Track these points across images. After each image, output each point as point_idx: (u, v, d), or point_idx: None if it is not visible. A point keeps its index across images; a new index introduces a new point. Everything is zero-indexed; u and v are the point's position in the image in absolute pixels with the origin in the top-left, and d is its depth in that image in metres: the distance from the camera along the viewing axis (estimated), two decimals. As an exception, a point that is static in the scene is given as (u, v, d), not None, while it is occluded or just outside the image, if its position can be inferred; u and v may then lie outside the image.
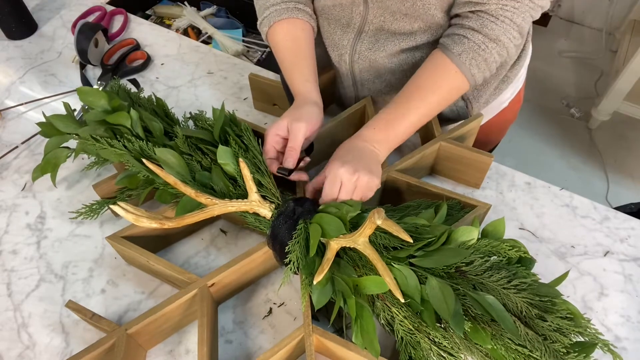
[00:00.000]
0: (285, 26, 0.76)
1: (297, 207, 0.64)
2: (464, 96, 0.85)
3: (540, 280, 0.60)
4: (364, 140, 0.69)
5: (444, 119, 0.87)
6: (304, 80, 0.74)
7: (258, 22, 0.79)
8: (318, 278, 0.57)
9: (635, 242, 0.77)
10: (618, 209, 0.86)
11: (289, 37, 0.77)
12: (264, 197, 0.66)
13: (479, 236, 0.63)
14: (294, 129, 0.67)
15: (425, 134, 0.85)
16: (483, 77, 0.71)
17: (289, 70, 0.76)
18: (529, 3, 0.66)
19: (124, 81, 1.01)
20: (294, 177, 0.69)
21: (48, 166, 0.77)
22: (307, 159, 0.72)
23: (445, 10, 0.72)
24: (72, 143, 0.77)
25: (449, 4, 0.71)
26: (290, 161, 0.67)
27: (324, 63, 0.90)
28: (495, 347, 0.56)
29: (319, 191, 0.67)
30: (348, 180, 0.64)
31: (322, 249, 0.61)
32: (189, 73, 1.03)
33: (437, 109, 0.73)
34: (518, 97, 0.94)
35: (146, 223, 0.60)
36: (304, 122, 0.67)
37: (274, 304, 0.70)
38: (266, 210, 0.64)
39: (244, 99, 0.97)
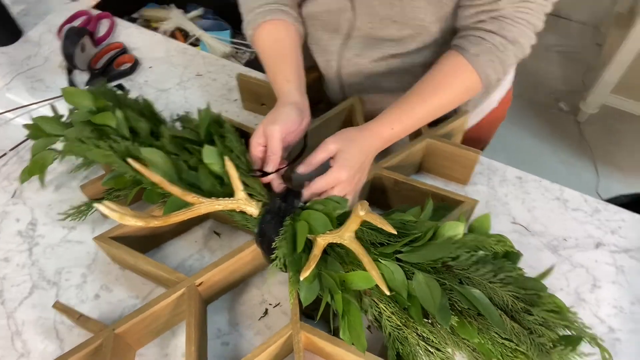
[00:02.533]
0: (268, 28, 0.76)
1: (283, 204, 0.64)
2: None
3: (527, 275, 0.60)
4: (381, 142, 0.68)
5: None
6: (285, 81, 0.73)
7: (243, 25, 0.79)
8: (304, 274, 0.57)
9: (626, 233, 0.78)
10: (609, 201, 0.87)
11: (272, 39, 0.76)
12: (250, 195, 0.65)
13: (466, 231, 0.63)
14: (268, 133, 0.65)
15: (413, 132, 0.86)
16: (497, 79, 0.70)
17: (271, 72, 0.75)
18: (542, 2, 0.65)
19: (111, 86, 1.00)
20: (266, 179, 0.67)
21: (35, 168, 0.77)
22: (283, 167, 0.69)
23: (439, 17, 0.71)
24: (59, 145, 0.77)
25: (443, 11, 0.70)
26: (270, 166, 0.65)
27: (311, 62, 0.90)
28: (482, 342, 0.56)
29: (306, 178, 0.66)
30: (346, 187, 0.64)
31: (309, 245, 0.61)
32: (177, 75, 1.02)
33: (448, 108, 0.72)
34: (507, 97, 0.95)
35: (132, 221, 0.59)
36: (277, 125, 0.64)
37: (270, 304, 0.70)
38: (253, 208, 0.64)
39: (234, 100, 0.97)
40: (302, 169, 0.66)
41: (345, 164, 0.63)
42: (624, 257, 0.75)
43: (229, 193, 0.66)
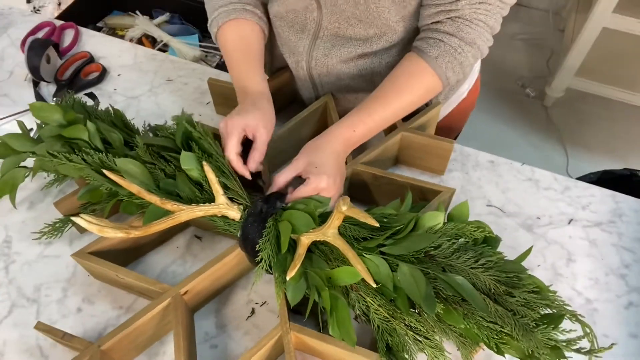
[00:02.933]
0: (233, 26, 0.76)
1: (264, 206, 0.64)
2: None
3: (506, 258, 0.62)
4: (345, 144, 0.70)
5: None
6: (253, 74, 0.74)
7: (208, 24, 0.80)
8: (290, 274, 0.57)
9: (597, 208, 0.81)
10: (579, 179, 0.90)
11: (236, 37, 0.77)
12: (231, 199, 0.65)
13: (445, 220, 0.64)
14: (260, 134, 0.68)
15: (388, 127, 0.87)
16: (456, 80, 0.72)
17: (236, 67, 0.76)
18: (499, 4, 0.67)
19: (81, 95, 0.98)
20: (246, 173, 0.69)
21: (6, 187, 0.74)
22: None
23: (403, 16, 0.73)
24: (30, 162, 0.75)
25: (406, 10, 0.72)
26: (256, 165, 0.69)
27: (282, 63, 0.90)
28: (468, 326, 0.57)
29: (288, 184, 0.68)
30: (327, 192, 0.65)
31: (293, 245, 0.62)
32: (147, 82, 1.01)
33: (410, 109, 0.74)
34: (475, 87, 0.97)
35: (111, 233, 0.59)
36: (267, 129, 0.69)
37: (256, 304, 0.70)
38: (234, 212, 0.64)
39: (207, 104, 0.96)
40: (280, 179, 0.68)
41: (319, 171, 0.65)
42: (596, 230, 0.78)
43: (209, 198, 0.66)
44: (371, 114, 0.71)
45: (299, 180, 0.67)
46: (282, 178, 0.67)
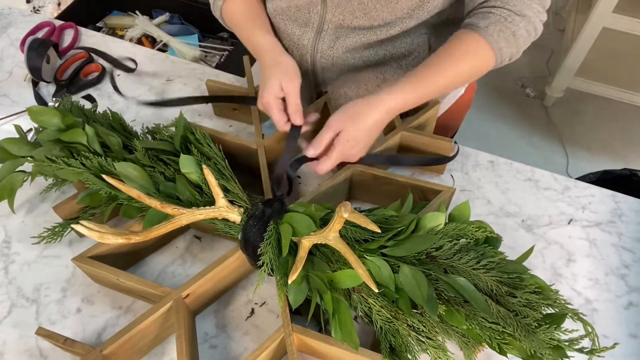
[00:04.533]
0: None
1: (266, 209, 0.64)
2: None
3: (507, 258, 0.62)
4: (390, 114, 0.68)
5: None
6: (266, 33, 0.76)
7: (212, 3, 0.81)
8: (292, 277, 0.57)
9: (597, 208, 0.80)
10: (578, 179, 0.90)
11: (246, 7, 0.79)
12: (231, 202, 0.65)
13: (446, 221, 0.64)
14: (289, 89, 0.70)
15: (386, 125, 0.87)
16: (510, 55, 0.69)
17: (247, 29, 0.77)
18: None
19: (79, 98, 0.98)
20: (305, 128, 0.73)
21: (4, 193, 0.74)
22: (316, 115, 0.76)
23: (409, 6, 0.72)
24: (28, 166, 0.74)
25: (412, 1, 0.71)
26: (298, 117, 0.71)
27: None
28: (470, 327, 0.57)
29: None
30: (352, 159, 0.69)
31: (294, 248, 0.62)
32: (147, 82, 1.01)
33: (461, 82, 0.71)
34: (471, 86, 0.97)
35: (112, 239, 0.58)
36: (296, 80, 0.71)
37: (256, 304, 0.70)
38: (235, 215, 0.64)
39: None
40: (312, 151, 0.68)
41: (347, 139, 0.66)
42: (596, 230, 0.78)
43: (210, 201, 0.66)
44: (425, 83, 0.67)
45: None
46: (319, 140, 0.68)
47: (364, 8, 0.72)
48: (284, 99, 0.72)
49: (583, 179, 1.13)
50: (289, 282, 0.58)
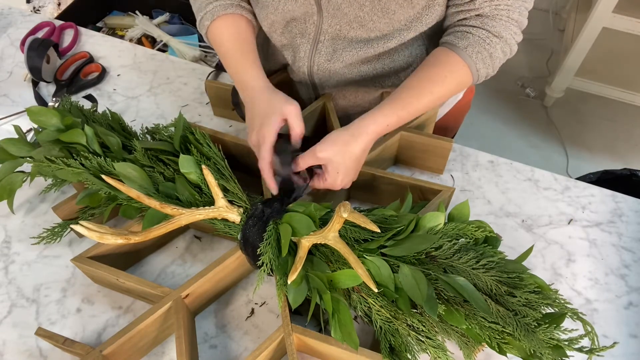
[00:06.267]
0: (230, 20, 0.75)
1: (265, 209, 0.64)
2: None
3: (507, 258, 0.62)
4: (375, 138, 0.67)
5: None
6: (255, 68, 0.73)
7: (198, 19, 0.77)
8: (292, 277, 0.57)
9: (597, 208, 0.80)
10: (578, 179, 0.90)
11: (234, 31, 0.75)
12: (231, 202, 0.65)
13: (446, 220, 0.64)
14: (288, 112, 0.66)
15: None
16: (486, 74, 0.70)
17: (236, 62, 0.73)
18: None
19: (80, 98, 0.98)
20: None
21: (3, 193, 0.74)
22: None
23: (408, 17, 0.72)
24: (27, 166, 0.75)
25: (414, 11, 0.71)
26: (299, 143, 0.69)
27: (278, 66, 0.90)
28: (470, 327, 0.57)
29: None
30: (346, 183, 0.67)
31: (294, 248, 0.62)
32: (147, 82, 1.01)
33: (441, 101, 0.71)
34: (470, 89, 0.97)
35: (111, 240, 0.58)
36: (294, 104, 0.67)
37: (256, 304, 0.70)
38: (235, 215, 0.64)
39: (206, 104, 0.96)
40: (292, 167, 0.67)
41: (337, 171, 0.65)
42: (596, 230, 0.78)
43: (209, 201, 0.66)
44: (405, 106, 0.68)
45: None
46: (301, 163, 0.66)
47: (360, 20, 0.71)
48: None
49: (583, 179, 1.13)
50: (289, 282, 0.57)
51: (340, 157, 0.65)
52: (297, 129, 0.66)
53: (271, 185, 0.66)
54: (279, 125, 0.66)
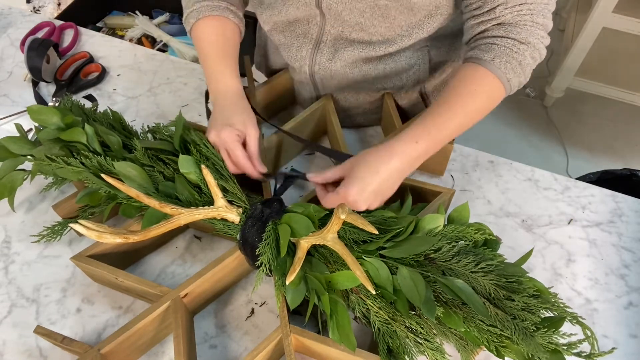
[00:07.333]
0: (215, 22, 0.75)
1: (265, 209, 0.64)
2: (422, 92, 0.87)
3: (507, 258, 0.62)
4: (406, 161, 0.63)
5: (403, 113, 0.88)
6: (233, 75, 0.73)
7: (184, 15, 0.77)
8: (290, 278, 0.57)
9: (597, 208, 0.80)
10: (578, 179, 0.90)
11: (218, 33, 0.75)
12: (230, 202, 0.65)
13: (445, 222, 0.64)
14: (252, 136, 0.68)
15: (387, 127, 0.87)
16: (519, 83, 0.67)
17: (214, 63, 0.73)
18: (543, 0, 0.63)
19: (80, 98, 0.98)
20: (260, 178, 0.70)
21: (4, 191, 0.74)
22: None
23: (409, 24, 0.71)
24: (28, 165, 0.75)
25: (416, 18, 0.70)
26: (261, 166, 0.69)
27: (278, 66, 0.90)
28: (468, 330, 0.57)
29: (325, 185, 0.67)
30: (359, 205, 0.62)
31: (292, 248, 0.62)
32: (147, 82, 1.01)
33: (476, 118, 0.66)
34: None
35: (110, 239, 0.58)
36: (254, 126, 0.69)
37: (256, 304, 0.70)
38: (234, 215, 0.64)
39: (207, 103, 0.96)
40: (313, 177, 0.66)
41: (353, 182, 0.61)
42: (596, 230, 0.78)
43: (209, 201, 0.66)
44: (439, 125, 0.64)
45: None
46: (319, 178, 0.65)
47: (362, 25, 0.71)
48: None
49: (583, 179, 1.12)
50: (287, 282, 0.58)
51: (361, 170, 0.62)
52: (252, 149, 0.69)
53: (258, 175, 0.68)
54: (239, 138, 0.68)
